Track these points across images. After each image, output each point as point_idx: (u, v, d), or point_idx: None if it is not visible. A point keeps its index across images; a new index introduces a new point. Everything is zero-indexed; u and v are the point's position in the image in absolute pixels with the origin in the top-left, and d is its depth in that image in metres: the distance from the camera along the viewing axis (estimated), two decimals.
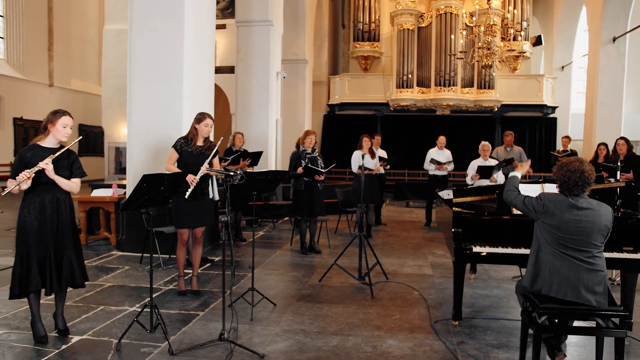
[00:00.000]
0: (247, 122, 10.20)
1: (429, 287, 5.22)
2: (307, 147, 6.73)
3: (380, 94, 16.14)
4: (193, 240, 4.87)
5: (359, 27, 16.31)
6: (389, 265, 6.11)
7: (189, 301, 4.58)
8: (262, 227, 9.04)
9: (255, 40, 10.21)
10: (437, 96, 14.93)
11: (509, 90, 15.32)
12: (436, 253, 7.02)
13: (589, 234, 3.00)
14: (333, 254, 6.79)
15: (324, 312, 4.34)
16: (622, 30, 12.65)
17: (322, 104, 17.12)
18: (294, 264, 6.23)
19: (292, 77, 13.24)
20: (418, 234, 8.68)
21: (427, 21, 15.14)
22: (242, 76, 10.31)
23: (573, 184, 3.06)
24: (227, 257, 6.37)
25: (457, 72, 14.76)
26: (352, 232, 8.62)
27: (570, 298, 2.99)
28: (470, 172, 7.30)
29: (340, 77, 16.47)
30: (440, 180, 9.34)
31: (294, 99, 14.14)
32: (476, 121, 16.27)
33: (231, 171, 3.65)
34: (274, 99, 10.58)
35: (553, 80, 15.70)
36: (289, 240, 7.74)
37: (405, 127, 16.55)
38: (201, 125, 4.70)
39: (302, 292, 4.97)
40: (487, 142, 7.65)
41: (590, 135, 13.08)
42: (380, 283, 5.30)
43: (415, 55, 15.26)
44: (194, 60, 6.54)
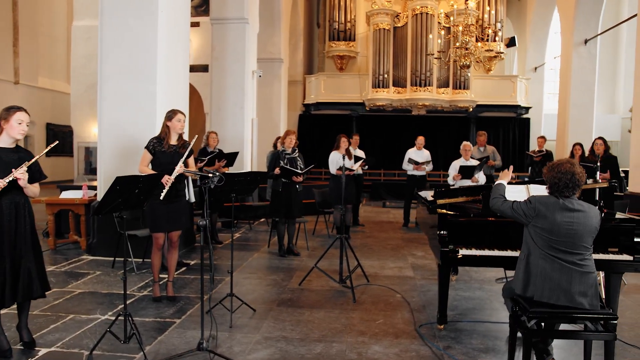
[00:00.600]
0: (222, 121, 9.98)
1: (411, 290, 5.14)
2: (287, 147, 6.59)
3: (356, 93, 16.08)
4: (169, 244, 4.68)
5: (334, 27, 16.22)
6: (369, 267, 6.02)
7: (164, 308, 4.39)
8: (238, 229, 8.85)
9: (230, 38, 10.00)
10: (413, 96, 14.96)
11: (483, 90, 15.46)
12: (416, 254, 6.96)
13: (580, 235, 2.95)
14: (312, 256, 6.67)
15: (305, 318, 4.21)
16: (594, 33, 12.88)
17: (298, 104, 16.97)
18: (273, 267, 6.08)
19: (268, 76, 13.05)
20: (397, 235, 8.63)
21: (402, 21, 15.15)
22: (217, 75, 10.08)
23: (564, 185, 3.01)
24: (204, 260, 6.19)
25: (433, 72, 14.81)
26: (330, 233, 8.52)
27: (563, 303, 2.93)
28: (452, 173, 7.27)
29: (315, 77, 16.35)
30: (418, 181, 9.31)
31: (269, 99, 13.95)
32: (451, 121, 16.37)
33: (209, 172, 3.48)
34: (250, 98, 10.39)
35: (526, 81, 15.91)
36: (266, 242, 7.59)
37: (381, 127, 16.53)
38: (173, 122, 4.51)
39: (282, 296, 4.83)
40: (468, 142, 7.63)
41: (563, 135, 13.28)
42: (361, 286, 5.20)
43: (391, 55, 15.25)
44: (168, 58, 6.32)
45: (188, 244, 6.95)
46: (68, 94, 15.54)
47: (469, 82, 15.05)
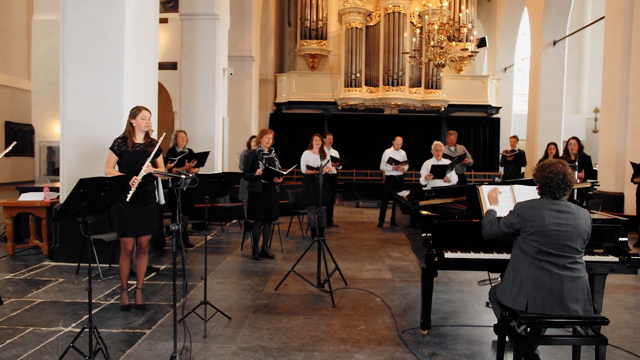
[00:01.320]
0: (192, 120, 9.68)
1: (390, 293, 5.01)
2: (264, 147, 6.38)
3: (328, 92, 15.94)
4: (138, 249, 4.42)
5: (306, 25, 16.04)
6: (346, 269, 5.87)
7: (133, 317, 4.13)
8: (210, 231, 8.58)
9: (201, 34, 9.70)
10: (386, 95, 14.91)
11: (454, 90, 15.54)
12: (393, 255, 6.85)
13: (571, 237, 2.87)
14: (287, 259, 6.48)
15: (283, 325, 4.02)
16: (562, 34, 13.09)
17: (269, 103, 16.73)
18: (247, 271, 5.86)
19: (238, 74, 12.78)
20: (372, 236, 8.51)
21: (375, 20, 15.08)
22: (187, 72, 9.78)
23: (555, 186, 2.92)
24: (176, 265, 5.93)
25: (405, 72, 14.79)
26: (304, 234, 8.34)
27: (557, 312, 2.83)
28: (423, 172, 7.19)
29: (287, 75, 16.14)
30: (397, 181, 9.23)
31: (240, 97, 13.67)
32: (423, 121, 16.41)
33: (182, 173, 3.25)
34: (221, 96, 10.11)
35: (497, 81, 16.08)
36: (239, 244, 7.36)
37: (353, 127, 16.45)
38: (137, 120, 4.25)
39: (258, 302, 4.62)
40: (439, 141, 7.58)
41: (533, 135, 13.46)
42: (339, 290, 5.04)
43: (364, 54, 15.17)
44: (136, 52, 6.03)
45: (157, 247, 6.67)
46: (28, 91, 14.90)
47: (441, 82, 15.10)
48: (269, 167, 6.10)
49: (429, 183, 7.08)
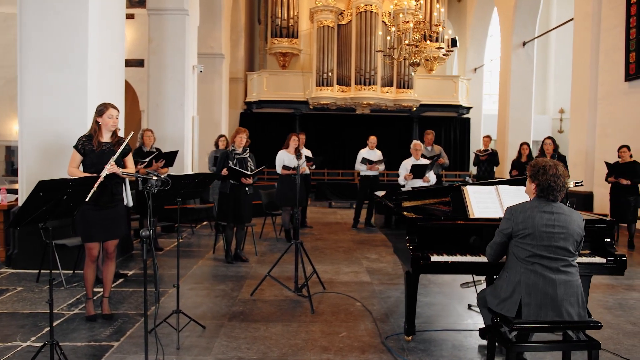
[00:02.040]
0: (161, 119, 9.35)
1: (370, 297, 4.86)
2: (238, 146, 6.15)
3: (299, 91, 15.75)
4: (104, 255, 4.15)
5: (277, 23, 15.81)
6: (324, 272, 5.70)
7: (100, 329, 3.85)
8: (180, 233, 8.26)
9: (169, 30, 9.38)
10: (358, 95, 14.81)
11: (426, 90, 15.58)
12: (370, 257, 6.72)
13: (564, 239, 2.78)
14: (261, 262, 6.28)
15: (261, 334, 3.82)
16: (531, 36, 13.27)
17: (239, 102, 16.42)
18: (220, 275, 5.63)
19: (208, 72, 12.46)
20: (347, 237, 8.37)
21: (347, 19, 14.97)
22: (155, 69, 9.43)
23: (558, 189, 2.83)
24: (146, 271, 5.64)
25: (377, 71, 14.73)
26: (278, 236, 8.13)
27: (552, 318, 2.73)
28: (402, 172, 7.09)
29: (258, 74, 15.87)
30: (372, 181, 9.12)
31: (210, 96, 13.36)
32: (394, 120, 16.40)
33: (153, 175, 3.02)
34: (190, 94, 9.81)
35: (467, 81, 16.19)
36: (210, 247, 7.10)
37: (325, 126, 16.31)
38: (104, 118, 3.97)
39: (233, 309, 4.41)
40: (418, 141, 7.50)
41: (504, 135, 13.60)
42: (317, 294, 4.87)
43: (336, 53, 15.04)
44: (101, 46, 5.72)
45: (125, 251, 6.36)
46: None
47: (413, 82, 15.11)
48: (233, 167, 5.88)
49: (408, 183, 6.98)
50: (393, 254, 6.88)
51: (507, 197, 3.59)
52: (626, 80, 8.83)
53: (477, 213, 3.50)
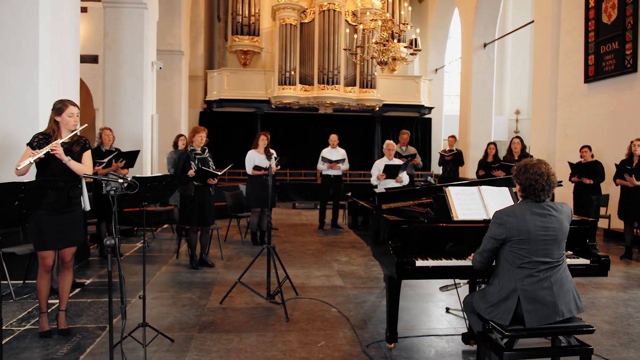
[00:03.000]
0: (118, 117, 8.89)
1: (345, 302, 4.69)
2: (197, 146, 5.88)
3: (261, 90, 15.44)
4: (60, 264, 3.80)
5: (238, 20, 15.45)
6: (294, 277, 5.48)
7: (55, 346, 3.51)
8: (139, 238, 7.88)
9: (127, 24, 8.93)
10: (321, 94, 14.64)
11: (388, 90, 15.57)
12: (340, 260, 6.56)
13: (558, 240, 2.71)
14: (228, 267, 6.01)
15: (235, 345, 3.59)
16: (491, 37, 13.47)
17: (198, 101, 15.95)
18: (186, 282, 5.33)
19: (167, 69, 12.00)
20: (314, 239, 8.19)
21: (310, 17, 14.77)
22: (111, 65, 8.96)
23: (540, 188, 2.73)
24: (100, 281, 5.29)
25: (341, 71, 14.60)
26: (243, 239, 7.86)
27: (554, 320, 2.66)
28: (375, 172, 6.96)
29: (218, 72, 15.46)
30: (333, 181, 8.99)
31: (169, 94, 12.88)
32: (357, 120, 16.33)
33: (119, 177, 2.74)
34: (149, 92, 9.39)
35: (429, 81, 16.31)
36: (173, 252, 6.78)
37: (287, 126, 16.06)
38: (64, 117, 3.63)
39: (202, 319, 4.14)
40: (391, 141, 7.40)
41: (465, 135, 13.75)
42: (290, 300, 4.66)
43: (298, 52, 14.82)
44: (54, 38, 5.31)
45: (81, 258, 5.96)
46: None
47: (376, 82, 15.07)
48: (202, 168, 5.61)
49: (380, 183, 6.86)
50: (363, 256, 6.77)
51: (490, 199, 3.49)
52: (585, 82, 9.03)
53: (461, 215, 3.38)
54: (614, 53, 8.36)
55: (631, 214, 6.66)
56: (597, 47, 8.73)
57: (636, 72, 7.92)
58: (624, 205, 6.74)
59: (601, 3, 8.66)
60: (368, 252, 7.02)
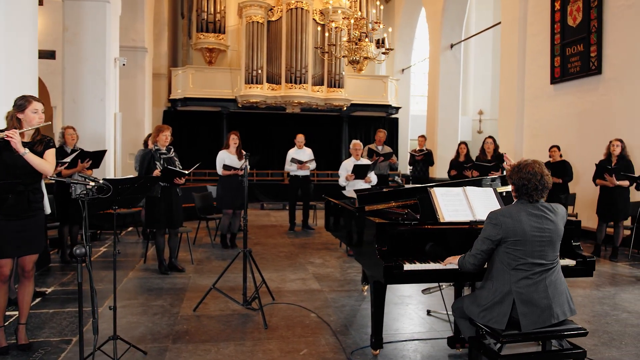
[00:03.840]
0: (79, 116, 8.47)
1: (324, 306, 4.56)
2: (162, 145, 5.64)
3: (227, 89, 15.13)
4: (20, 273, 3.52)
5: (203, 17, 15.08)
6: (269, 281, 5.29)
7: None
8: (103, 242, 7.53)
9: (88, 18, 8.53)
10: (288, 93, 14.46)
11: (356, 89, 15.53)
12: (314, 262, 6.42)
13: (553, 241, 2.67)
14: (199, 272, 5.79)
15: (212, 356, 3.39)
16: (458, 38, 13.60)
17: (162, 99, 15.50)
18: (156, 288, 5.07)
19: (130, 66, 11.58)
20: (285, 240, 8.03)
21: (277, 15, 14.56)
22: (71, 61, 8.53)
23: (533, 188, 2.67)
24: (63, 289, 4.99)
25: (308, 70, 14.46)
26: (213, 242, 7.62)
27: (549, 323, 2.60)
28: (343, 173, 6.84)
29: (183, 70, 15.06)
30: (302, 181, 8.85)
31: (132, 92, 12.46)
32: (324, 120, 16.24)
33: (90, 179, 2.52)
34: (112, 89, 9.00)
35: (396, 81, 16.36)
36: (139, 256, 6.49)
37: (254, 125, 15.80)
38: (27, 113, 3.33)
39: (176, 328, 3.92)
40: (358, 140, 7.30)
41: (433, 135, 13.84)
42: (267, 306, 4.49)
43: (265, 50, 14.58)
44: (7, 29, 4.96)
45: (41, 265, 5.61)
46: None
47: (343, 81, 15.00)
48: (168, 167, 5.37)
49: (349, 184, 6.75)
50: (338, 258, 6.66)
51: (476, 200, 3.43)
52: (552, 83, 9.19)
53: (448, 217, 3.29)
54: (580, 55, 8.54)
55: (610, 213, 6.74)
56: (563, 49, 8.90)
57: (601, 74, 8.10)
58: (603, 204, 6.81)
59: (566, 6, 8.82)
60: (342, 254, 6.91)
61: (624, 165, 6.62)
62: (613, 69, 7.90)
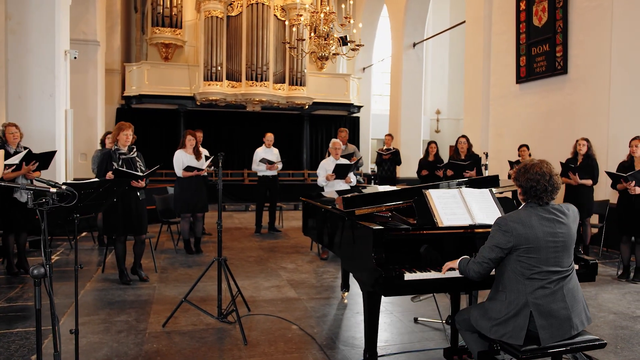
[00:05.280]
0: (25, 112, 7.79)
1: (305, 317, 4.26)
2: (122, 145, 5.20)
3: (185, 86, 14.52)
4: None
5: (158, 11, 14.42)
6: (242, 289, 4.92)
7: None
8: (54, 249, 6.94)
9: (34, 6, 7.86)
10: (249, 91, 14.03)
11: (318, 88, 15.26)
12: (286, 267, 6.11)
13: (568, 246, 2.48)
14: (164, 281, 5.37)
15: None
16: (420, 37, 13.58)
17: (115, 96, 14.73)
18: (118, 301, 4.63)
19: (81, 60, 10.83)
20: (253, 244, 7.67)
21: (237, 10, 14.08)
22: (16, 53, 7.84)
23: (542, 190, 2.47)
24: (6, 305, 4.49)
25: (270, 67, 14.07)
26: (176, 247, 7.17)
27: (569, 335, 2.41)
28: (322, 173, 6.55)
29: (138, 66, 14.34)
30: (271, 182, 8.52)
31: (83, 88, 11.74)
32: (285, 119, 15.89)
33: (50, 184, 2.13)
34: (63, 84, 8.35)
35: (358, 80, 16.21)
36: (96, 265, 6.00)
37: (212, 124, 15.24)
38: None
39: (145, 348, 3.53)
40: (337, 139, 7.03)
41: (396, 134, 13.75)
42: (243, 318, 4.13)
43: (225, 46, 14.08)
44: None
45: None
46: None
47: (305, 79, 14.70)
48: (119, 169, 4.95)
49: (328, 184, 6.47)
50: (310, 262, 6.38)
51: (474, 202, 3.21)
52: (517, 82, 9.23)
53: (446, 221, 3.06)
54: (545, 55, 8.59)
55: None
56: (529, 49, 8.94)
57: (566, 73, 8.17)
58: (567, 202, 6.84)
59: (532, 6, 8.86)
60: (314, 258, 6.64)
61: (588, 164, 6.67)
62: (578, 69, 7.97)
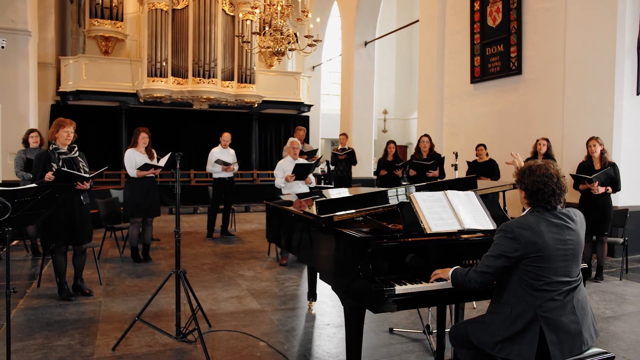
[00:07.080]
0: None
1: (272, 331, 3.92)
2: (62, 144, 4.66)
3: (127, 82, 13.71)
4: None
5: (97, 2, 13.55)
6: (200, 301, 4.54)
7: None
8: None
9: None
10: (196, 88, 13.42)
11: (267, 86, 14.84)
12: (245, 275, 5.73)
13: (576, 255, 2.30)
14: (110, 294, 4.87)
15: None
16: (372, 36, 13.48)
17: (50, 92, 13.70)
18: (58, 321, 4.10)
19: (10, 52, 9.98)
20: (205, 250, 7.22)
21: (183, 3, 13.42)
22: None
23: (550, 192, 2.27)
24: None
25: (218, 64, 13.52)
26: (122, 255, 6.61)
27: (579, 351, 2.23)
28: (280, 173, 6.21)
29: (75, 60, 13.39)
30: (227, 183, 8.10)
31: (13, 82, 10.73)
32: (233, 117, 15.37)
33: None
34: None
35: (308, 78, 15.93)
36: (31, 278, 5.38)
37: (156, 122, 14.47)
38: None
39: None
40: (295, 138, 6.70)
41: (348, 133, 13.56)
42: (204, 334, 3.74)
43: (170, 41, 13.40)
44: None
45: None
46: None
47: (255, 76, 14.25)
48: (62, 169, 4.43)
49: (287, 185, 6.13)
50: (269, 268, 6.04)
51: (460, 206, 3.00)
52: (472, 82, 9.24)
53: (434, 227, 2.82)
54: (500, 55, 8.63)
55: None
56: (483, 49, 8.97)
57: (521, 74, 8.23)
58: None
59: (486, 7, 8.89)
60: (272, 263, 6.30)
61: None
62: (533, 70, 8.05)
